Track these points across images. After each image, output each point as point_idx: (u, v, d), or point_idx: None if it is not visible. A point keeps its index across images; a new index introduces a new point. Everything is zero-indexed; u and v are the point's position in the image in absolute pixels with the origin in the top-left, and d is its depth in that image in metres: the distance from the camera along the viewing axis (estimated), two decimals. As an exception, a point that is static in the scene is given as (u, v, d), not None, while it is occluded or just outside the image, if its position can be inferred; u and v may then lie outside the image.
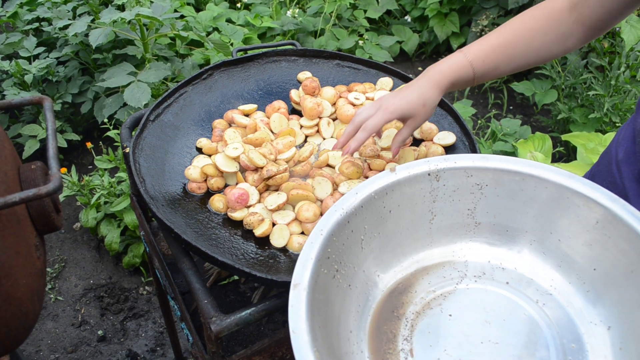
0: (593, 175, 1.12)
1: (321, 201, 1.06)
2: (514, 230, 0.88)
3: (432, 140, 1.18)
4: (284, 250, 1.00)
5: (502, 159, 0.87)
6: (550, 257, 0.86)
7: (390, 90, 1.32)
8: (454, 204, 0.88)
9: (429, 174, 0.87)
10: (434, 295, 0.83)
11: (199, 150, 1.17)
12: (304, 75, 1.33)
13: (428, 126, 1.19)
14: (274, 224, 1.02)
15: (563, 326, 0.78)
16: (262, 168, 1.06)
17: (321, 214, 1.02)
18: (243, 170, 1.11)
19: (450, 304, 0.82)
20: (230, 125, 1.22)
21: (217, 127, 1.21)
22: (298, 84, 1.34)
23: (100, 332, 2.06)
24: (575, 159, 2.42)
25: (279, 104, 1.25)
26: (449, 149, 1.19)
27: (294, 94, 1.28)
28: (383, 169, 1.11)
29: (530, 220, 0.87)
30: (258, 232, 1.00)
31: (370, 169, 1.11)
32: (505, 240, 0.89)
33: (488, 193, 0.88)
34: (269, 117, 1.23)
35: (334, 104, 1.26)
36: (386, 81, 1.33)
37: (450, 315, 0.81)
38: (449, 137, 1.17)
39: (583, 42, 0.98)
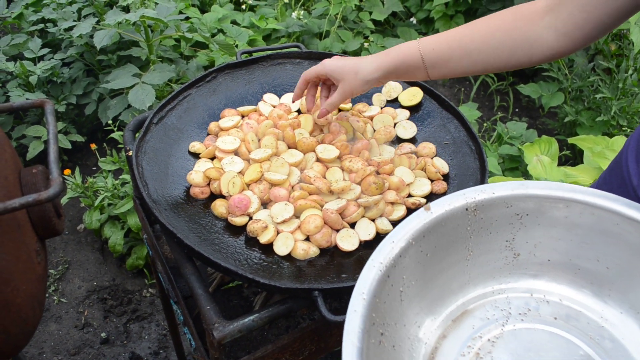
0: (605, 180, 1.09)
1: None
2: (556, 260, 0.82)
3: (431, 157, 1.17)
4: (288, 256, 0.99)
5: (544, 185, 0.80)
6: (598, 286, 0.80)
7: (396, 96, 1.31)
8: (491, 237, 0.82)
9: (466, 209, 0.79)
10: (481, 343, 0.77)
11: (193, 155, 1.16)
12: None
13: (429, 147, 1.18)
14: (277, 232, 1.01)
15: None
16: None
17: (325, 223, 1.01)
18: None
19: (500, 351, 0.75)
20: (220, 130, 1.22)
21: (211, 132, 1.21)
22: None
23: (103, 335, 2.05)
24: (582, 162, 2.40)
25: (283, 109, 1.24)
26: (451, 153, 1.17)
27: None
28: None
29: (574, 248, 0.81)
30: (263, 239, 0.99)
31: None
32: (547, 270, 0.83)
33: (528, 222, 0.81)
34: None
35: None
36: (395, 86, 1.32)
37: None
38: (424, 186, 1.12)
39: (556, 51, 0.88)
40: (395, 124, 1.24)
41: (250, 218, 1.03)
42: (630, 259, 0.77)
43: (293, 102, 1.21)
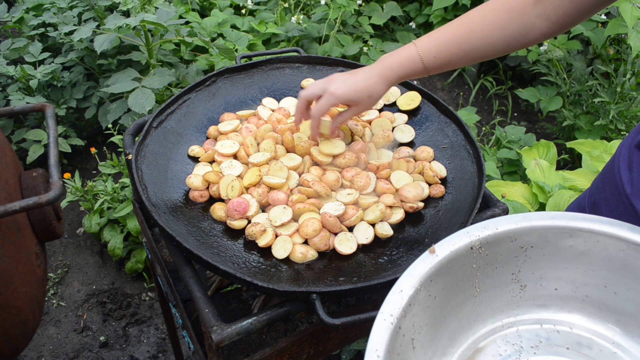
0: (595, 203, 1.07)
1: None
2: (563, 289, 0.82)
3: (429, 161, 1.17)
4: (286, 260, 0.99)
5: (547, 216, 0.80)
6: (607, 312, 0.79)
7: (396, 103, 1.32)
8: (497, 271, 0.81)
9: (471, 247, 0.79)
10: None
11: (193, 159, 1.17)
12: (308, 83, 1.33)
13: (426, 150, 1.18)
14: (276, 235, 1.01)
15: None
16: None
17: (324, 226, 1.02)
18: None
19: None
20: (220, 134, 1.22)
21: (211, 135, 1.22)
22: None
23: (102, 338, 2.05)
24: (580, 166, 2.41)
25: (282, 113, 1.24)
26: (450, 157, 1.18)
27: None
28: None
29: (580, 275, 0.80)
30: (261, 242, 0.99)
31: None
32: (555, 300, 0.82)
33: (533, 254, 0.81)
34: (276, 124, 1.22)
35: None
36: (393, 90, 1.32)
37: None
38: (424, 190, 1.12)
39: (547, 36, 0.94)
40: (393, 128, 1.25)
41: (249, 221, 1.04)
42: (636, 284, 0.77)
43: (296, 125, 1.15)
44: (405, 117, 1.28)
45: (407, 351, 0.73)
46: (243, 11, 3.22)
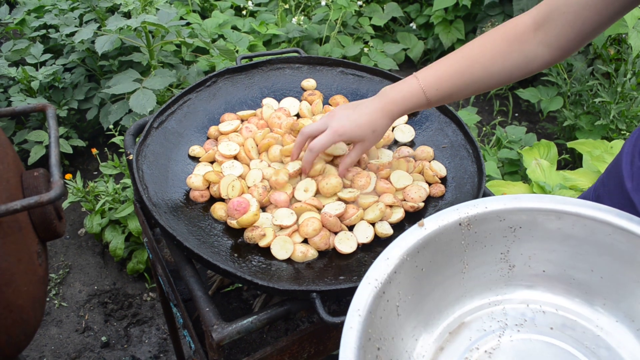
0: (599, 196, 1.09)
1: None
2: (550, 271, 0.83)
3: (429, 161, 1.18)
4: (286, 259, 1.00)
5: (536, 198, 0.81)
6: (592, 296, 0.81)
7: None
8: (485, 250, 0.83)
9: (459, 224, 0.80)
10: (478, 354, 0.77)
11: (193, 159, 1.17)
12: (308, 83, 1.33)
13: (426, 150, 1.19)
14: (275, 235, 1.02)
15: None
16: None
17: (324, 226, 1.02)
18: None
19: None
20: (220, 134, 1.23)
21: (211, 136, 1.22)
22: (302, 91, 1.34)
23: (103, 338, 2.06)
24: (581, 166, 2.41)
25: (281, 113, 1.25)
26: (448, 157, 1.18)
27: (304, 106, 1.28)
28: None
29: (568, 259, 0.82)
30: (262, 243, 1.00)
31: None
32: (543, 281, 0.84)
33: (522, 235, 0.82)
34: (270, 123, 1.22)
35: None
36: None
37: None
38: (421, 190, 1.11)
39: (549, 63, 0.92)
40: (393, 128, 1.25)
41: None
42: (622, 268, 0.78)
43: (292, 159, 1.11)
44: (405, 117, 1.28)
45: (391, 316, 0.75)
46: (244, 12, 3.23)
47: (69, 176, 2.17)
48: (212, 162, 1.16)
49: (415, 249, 0.78)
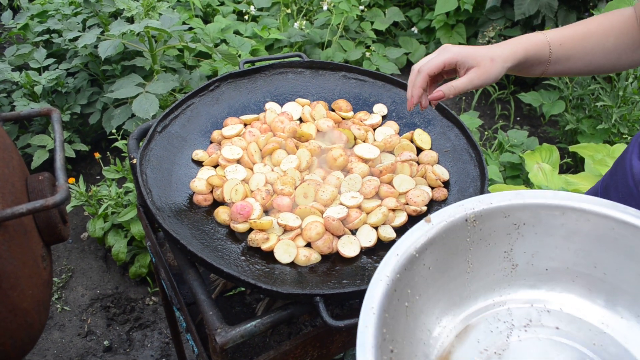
0: (607, 187, 1.11)
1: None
2: (553, 268, 0.83)
3: (432, 165, 1.18)
4: (290, 263, 1.00)
5: (540, 194, 0.81)
6: (597, 292, 0.80)
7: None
8: (489, 248, 0.82)
9: (465, 220, 0.80)
10: (487, 356, 0.77)
11: (197, 163, 1.18)
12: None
13: (430, 155, 1.19)
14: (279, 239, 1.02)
15: None
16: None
17: (327, 230, 1.02)
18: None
19: None
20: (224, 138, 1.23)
21: (214, 140, 1.23)
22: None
23: (106, 343, 2.06)
24: (583, 170, 2.41)
25: (284, 117, 1.25)
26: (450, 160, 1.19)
27: (306, 110, 1.29)
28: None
29: (571, 255, 0.81)
30: (265, 246, 1.00)
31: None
32: (546, 279, 0.83)
33: (525, 232, 0.82)
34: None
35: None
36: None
37: None
38: (423, 195, 1.12)
39: None
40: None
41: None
42: (626, 263, 0.78)
43: (410, 101, 0.99)
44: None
45: (401, 317, 0.74)
46: (246, 17, 3.24)
47: (71, 180, 2.18)
48: (215, 166, 1.17)
49: (423, 245, 0.77)
